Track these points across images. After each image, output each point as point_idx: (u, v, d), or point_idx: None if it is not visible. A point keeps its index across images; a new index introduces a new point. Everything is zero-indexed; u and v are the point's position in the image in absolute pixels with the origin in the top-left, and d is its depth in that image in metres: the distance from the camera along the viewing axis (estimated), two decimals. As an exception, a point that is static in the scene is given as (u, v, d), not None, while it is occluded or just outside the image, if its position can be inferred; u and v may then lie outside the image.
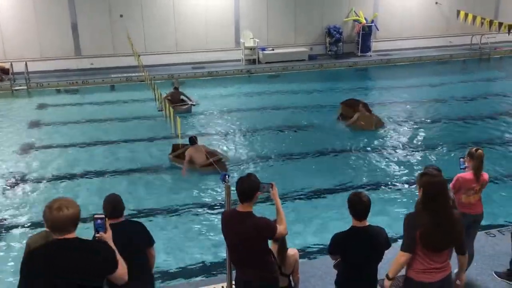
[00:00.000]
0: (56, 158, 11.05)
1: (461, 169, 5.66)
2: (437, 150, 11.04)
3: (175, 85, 14.51)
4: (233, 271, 4.77)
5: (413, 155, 10.84)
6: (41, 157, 11.16)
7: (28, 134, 12.73)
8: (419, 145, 11.41)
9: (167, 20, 19.85)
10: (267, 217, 4.44)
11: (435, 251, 4.06)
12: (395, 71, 19.39)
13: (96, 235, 3.53)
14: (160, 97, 12.17)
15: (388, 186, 9.36)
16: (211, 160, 9.33)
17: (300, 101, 15.17)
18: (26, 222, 8.30)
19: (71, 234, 3.31)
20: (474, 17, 17.87)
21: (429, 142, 11.53)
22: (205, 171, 9.84)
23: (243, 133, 12.45)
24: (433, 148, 11.17)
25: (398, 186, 9.37)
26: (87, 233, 3.94)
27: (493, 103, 14.78)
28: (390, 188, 9.28)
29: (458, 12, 18.69)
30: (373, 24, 21.01)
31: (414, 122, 13.00)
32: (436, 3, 22.59)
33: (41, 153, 11.42)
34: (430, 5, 22.58)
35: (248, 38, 19.99)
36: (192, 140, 10.18)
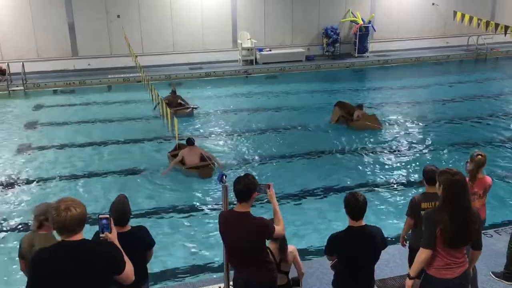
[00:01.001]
0: (53, 159, 11.04)
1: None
2: (434, 151, 11.07)
3: (172, 89, 14.48)
4: (231, 271, 4.78)
5: (409, 156, 10.87)
6: (38, 158, 11.15)
7: (25, 135, 12.72)
8: (415, 146, 11.43)
9: (164, 21, 19.85)
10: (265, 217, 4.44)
11: (455, 248, 4.08)
12: (392, 72, 19.43)
13: (101, 236, 3.51)
14: (157, 98, 12.14)
15: (385, 186, 9.39)
16: (197, 164, 9.72)
17: (297, 102, 15.20)
18: (21, 223, 8.26)
19: (78, 235, 3.31)
20: (471, 18, 17.88)
21: (425, 143, 11.57)
22: (190, 174, 9.86)
23: (240, 134, 12.45)
24: (429, 149, 11.21)
25: (394, 186, 9.40)
26: (87, 234, 3.92)
27: (490, 104, 14.84)
28: (386, 188, 9.31)
29: (455, 13, 18.73)
30: (370, 25, 21.04)
31: (411, 123, 13.06)
32: (433, 4, 22.67)
33: (38, 154, 11.39)
34: (427, 6, 22.67)
35: (245, 39, 20.00)
36: (190, 141, 10.19)
